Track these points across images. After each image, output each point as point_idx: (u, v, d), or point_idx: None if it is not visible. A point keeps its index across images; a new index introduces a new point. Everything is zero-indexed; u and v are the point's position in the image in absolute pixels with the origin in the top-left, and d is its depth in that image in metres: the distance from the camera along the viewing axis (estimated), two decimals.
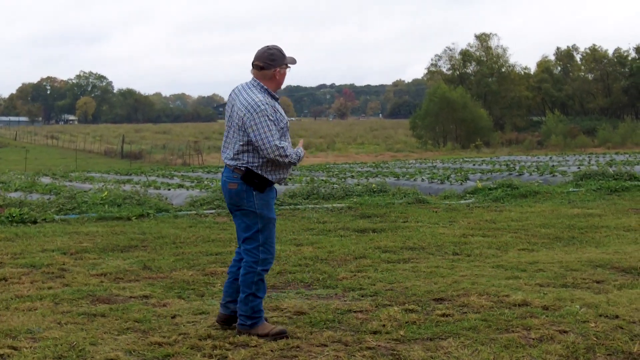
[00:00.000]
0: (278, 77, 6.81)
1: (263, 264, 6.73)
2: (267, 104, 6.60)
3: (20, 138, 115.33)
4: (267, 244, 6.76)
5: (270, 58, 6.76)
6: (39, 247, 11.72)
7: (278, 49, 6.84)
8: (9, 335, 6.66)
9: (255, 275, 6.70)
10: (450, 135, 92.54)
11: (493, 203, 17.83)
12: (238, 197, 6.71)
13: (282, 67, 6.79)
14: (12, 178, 29.34)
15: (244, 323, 6.72)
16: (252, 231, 6.72)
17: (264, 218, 6.71)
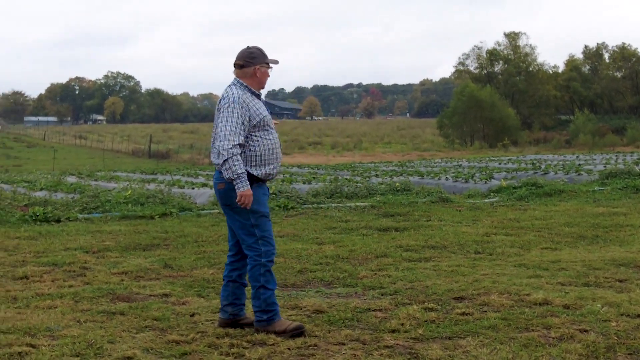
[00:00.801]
0: (259, 75, 6.88)
1: (266, 255, 6.74)
2: (239, 98, 6.70)
3: (49, 138, 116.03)
4: (266, 237, 6.77)
5: (250, 56, 6.88)
6: (61, 245, 11.77)
7: (258, 49, 6.96)
8: (28, 333, 6.68)
9: (261, 267, 6.72)
10: (478, 135, 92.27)
11: (517, 202, 17.73)
12: (227, 196, 6.74)
13: (262, 66, 6.87)
14: (38, 177, 29.59)
15: (260, 319, 6.72)
16: (247, 227, 6.76)
17: (255, 213, 6.72)
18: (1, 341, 6.34)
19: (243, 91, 6.79)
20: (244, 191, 6.55)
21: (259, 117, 6.75)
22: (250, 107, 6.73)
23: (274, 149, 6.85)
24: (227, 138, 6.57)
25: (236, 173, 6.53)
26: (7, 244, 11.92)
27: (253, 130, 6.75)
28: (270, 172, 6.84)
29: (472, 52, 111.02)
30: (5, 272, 9.66)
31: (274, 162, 6.86)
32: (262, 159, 6.77)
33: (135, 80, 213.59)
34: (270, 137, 6.83)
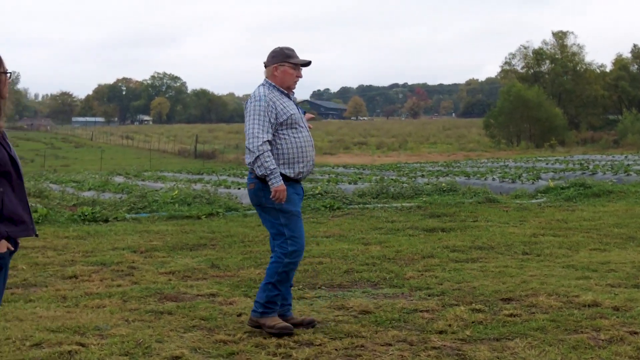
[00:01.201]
0: (277, 74, 6.92)
1: (291, 256, 6.77)
2: (265, 96, 6.78)
3: (96, 138, 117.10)
4: (295, 237, 6.79)
5: (270, 55, 6.98)
6: (109, 245, 11.88)
7: (282, 48, 6.99)
8: (77, 332, 6.75)
9: (280, 266, 6.76)
10: (524, 135, 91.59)
11: (565, 202, 17.58)
12: (256, 196, 6.81)
13: (281, 65, 6.89)
14: (87, 177, 29.87)
15: (255, 310, 6.78)
16: (277, 227, 6.80)
17: (285, 212, 6.75)
18: (51, 340, 6.41)
19: (270, 90, 6.86)
20: (278, 186, 6.60)
21: (286, 115, 6.79)
22: (277, 105, 6.78)
23: (303, 147, 6.86)
24: (255, 135, 6.65)
25: (269, 169, 6.59)
26: (56, 244, 12.04)
27: (281, 128, 6.78)
28: (301, 170, 6.86)
29: (518, 52, 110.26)
30: (55, 271, 9.77)
31: (304, 161, 6.87)
32: (291, 157, 6.79)
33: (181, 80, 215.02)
34: (299, 135, 6.85)
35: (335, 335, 6.57)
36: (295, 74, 6.95)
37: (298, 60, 6.96)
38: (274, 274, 6.77)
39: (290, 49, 6.99)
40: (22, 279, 9.22)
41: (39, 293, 8.48)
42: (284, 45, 7.05)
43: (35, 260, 10.47)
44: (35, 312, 7.52)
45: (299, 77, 7.00)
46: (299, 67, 6.98)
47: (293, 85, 6.98)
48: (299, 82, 7.03)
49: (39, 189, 22.08)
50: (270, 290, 6.77)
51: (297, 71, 6.97)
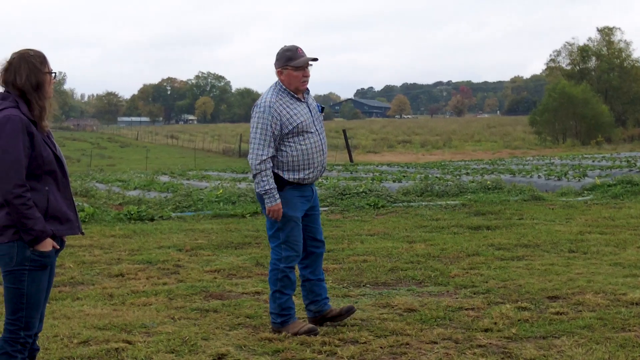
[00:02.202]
0: (283, 78, 6.78)
1: (286, 261, 6.75)
2: (271, 105, 6.65)
3: (141, 138, 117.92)
4: (290, 242, 6.75)
5: (276, 58, 6.82)
6: (155, 243, 11.96)
7: (283, 50, 6.80)
8: (124, 329, 6.81)
9: (278, 272, 6.75)
10: (570, 132, 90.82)
11: (612, 200, 17.39)
12: (260, 198, 6.80)
13: (283, 68, 6.74)
14: (132, 177, 30.07)
15: (274, 321, 6.77)
16: (273, 230, 6.78)
17: (282, 216, 6.68)
18: (98, 337, 6.48)
19: (279, 95, 6.74)
20: (272, 206, 6.59)
21: (292, 125, 6.67)
22: (283, 116, 6.66)
23: (310, 154, 6.76)
24: (255, 152, 6.61)
25: (264, 189, 6.58)
26: (103, 242, 12.16)
27: (286, 137, 6.69)
28: (305, 177, 6.79)
29: (563, 49, 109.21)
30: (102, 269, 9.87)
31: (310, 168, 6.79)
32: (296, 164, 6.72)
33: (226, 80, 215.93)
34: (306, 142, 6.75)
35: (380, 333, 6.57)
36: (301, 75, 6.73)
37: (299, 62, 6.71)
38: (275, 281, 6.77)
39: (292, 50, 6.76)
40: (70, 277, 9.33)
41: (86, 291, 8.58)
42: (289, 45, 6.83)
43: (82, 259, 10.59)
44: (83, 310, 7.60)
45: (306, 76, 6.78)
46: (304, 67, 6.76)
47: (301, 86, 6.78)
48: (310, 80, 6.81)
49: (85, 188, 22.34)
50: (279, 297, 6.76)
51: (303, 71, 6.74)
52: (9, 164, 4.44)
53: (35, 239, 4.48)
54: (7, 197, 4.42)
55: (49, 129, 4.74)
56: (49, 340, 6.40)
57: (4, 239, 4.54)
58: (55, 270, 4.82)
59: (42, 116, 4.65)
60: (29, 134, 4.52)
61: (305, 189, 6.87)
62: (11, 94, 4.62)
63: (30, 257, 4.55)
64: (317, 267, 7.06)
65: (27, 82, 4.60)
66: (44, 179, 4.57)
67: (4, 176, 4.44)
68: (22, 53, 4.68)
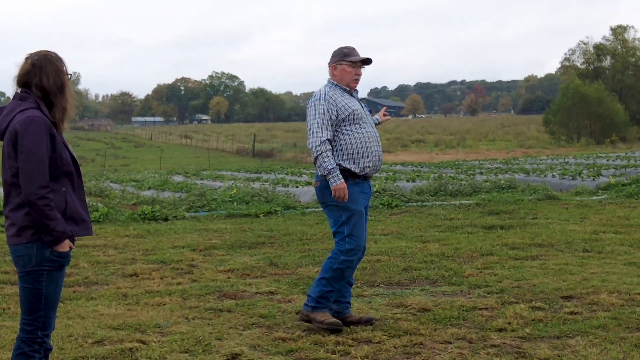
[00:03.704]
0: (337, 73, 7.02)
1: (348, 254, 6.80)
2: (325, 94, 6.89)
3: (155, 138, 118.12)
4: (354, 235, 6.82)
5: (331, 55, 7.08)
6: (169, 243, 11.99)
7: (341, 47, 7.09)
8: (138, 329, 6.83)
9: (336, 263, 6.81)
10: (585, 131, 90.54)
11: (627, 199, 17.35)
12: (322, 193, 6.88)
13: (339, 63, 6.98)
14: (146, 177, 30.16)
15: (307, 303, 6.83)
16: (338, 224, 6.86)
17: (347, 210, 6.79)
18: (112, 337, 6.50)
19: (332, 89, 6.95)
20: (337, 185, 6.66)
21: (348, 111, 6.85)
22: (338, 102, 6.85)
23: (367, 142, 6.89)
24: (314, 135, 6.74)
25: (327, 169, 6.66)
26: (117, 242, 12.18)
27: (344, 124, 6.85)
28: (367, 165, 6.88)
29: (578, 48, 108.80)
30: (116, 269, 9.89)
31: (369, 156, 6.89)
32: (355, 152, 6.83)
33: (239, 80, 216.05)
34: (362, 130, 6.90)
35: (394, 333, 6.57)
36: (354, 72, 6.99)
37: (355, 58, 6.98)
38: (328, 269, 6.83)
39: (350, 48, 7.04)
40: (84, 277, 9.35)
41: (100, 291, 8.60)
42: (345, 44, 7.09)
43: (96, 259, 10.61)
44: (97, 310, 7.62)
45: (358, 75, 7.04)
46: (358, 65, 7.02)
47: (352, 82, 7.02)
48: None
49: (99, 188, 22.39)
50: (324, 285, 6.82)
51: (356, 69, 7.00)
52: (35, 164, 4.44)
53: (55, 240, 4.49)
54: (31, 197, 4.43)
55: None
56: (63, 340, 6.41)
57: (22, 240, 4.55)
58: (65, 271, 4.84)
59: (63, 118, 4.68)
60: (50, 136, 4.53)
61: (364, 186, 6.98)
62: (30, 95, 4.62)
63: (50, 258, 4.56)
64: (353, 270, 7.10)
65: (54, 83, 4.62)
66: (62, 180, 4.59)
67: (29, 177, 4.44)
68: (44, 54, 4.68)
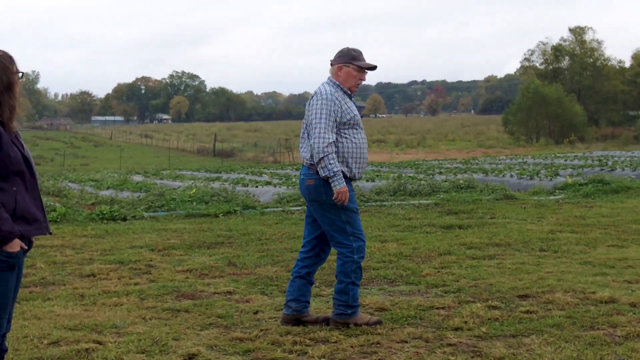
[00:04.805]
0: (341, 74, 6.94)
1: (358, 251, 6.82)
2: (332, 94, 6.78)
3: (115, 137, 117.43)
4: (357, 232, 6.85)
5: (337, 54, 7.00)
6: (127, 243, 11.93)
7: (349, 49, 7.00)
8: (95, 330, 6.79)
9: (352, 264, 6.80)
10: (544, 131, 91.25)
11: (583, 199, 17.52)
12: (316, 192, 6.79)
13: (345, 65, 6.91)
14: (106, 176, 29.97)
15: (343, 312, 6.78)
16: (338, 224, 6.81)
17: (346, 209, 6.78)
18: (69, 338, 6.45)
19: (335, 89, 6.89)
20: (341, 188, 6.65)
21: (350, 115, 6.84)
22: (342, 105, 6.82)
23: (361, 147, 6.91)
24: (321, 136, 6.66)
25: (332, 171, 6.63)
26: (75, 242, 12.10)
27: (343, 128, 6.82)
28: (358, 170, 6.92)
29: (537, 48, 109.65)
30: (73, 269, 9.82)
31: (361, 161, 6.93)
32: (350, 156, 6.83)
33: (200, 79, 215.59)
34: (358, 136, 6.90)
35: (351, 333, 6.58)
36: (358, 77, 6.97)
37: (363, 63, 6.96)
38: (349, 273, 6.80)
39: (358, 51, 6.99)
40: (41, 278, 9.28)
41: (57, 291, 8.54)
42: (351, 46, 7.04)
43: (53, 259, 10.53)
44: (53, 311, 7.56)
45: (362, 80, 7.02)
46: (364, 71, 6.99)
47: (354, 87, 6.99)
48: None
49: (58, 188, 22.22)
50: (352, 289, 6.82)
51: (361, 74, 6.98)
52: None
53: (3, 240, 4.44)
54: None
55: (17, 129, 4.69)
56: (18, 341, 6.35)
57: None
58: (23, 271, 4.78)
59: (11, 117, 4.60)
60: None
61: (350, 186, 6.97)
62: None
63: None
64: (315, 270, 7.14)
65: (0, 82, 4.53)
66: (12, 179, 4.52)
67: None
68: None
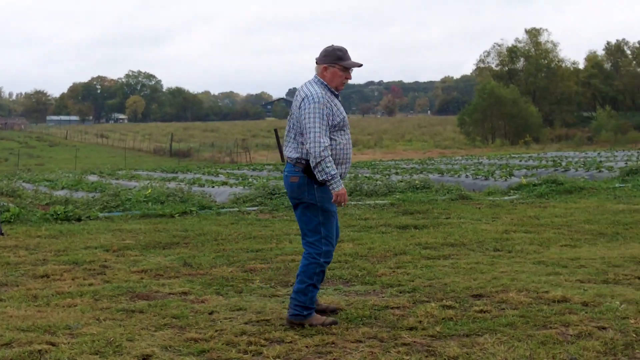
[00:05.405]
0: (327, 74, 6.93)
1: (326, 255, 6.86)
2: (322, 97, 6.76)
3: (70, 137, 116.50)
4: (330, 237, 6.89)
5: (322, 54, 6.98)
6: (82, 244, 11.84)
7: (334, 48, 6.98)
8: (48, 331, 6.73)
9: (317, 266, 6.83)
10: (499, 132, 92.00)
11: (537, 199, 17.67)
12: (299, 190, 6.83)
13: (331, 65, 6.90)
14: (60, 176, 29.71)
15: (299, 313, 6.81)
16: (314, 224, 6.85)
17: (325, 211, 6.83)
18: (21, 339, 6.39)
19: (324, 90, 6.87)
20: (339, 190, 6.68)
21: (340, 117, 6.86)
22: (332, 107, 6.82)
23: (348, 149, 6.95)
24: (317, 140, 6.64)
25: (330, 174, 6.64)
26: (28, 243, 12.00)
27: (333, 130, 6.82)
28: (344, 171, 6.97)
29: (492, 50, 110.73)
30: (26, 270, 9.73)
31: (347, 163, 6.98)
32: (338, 158, 6.86)
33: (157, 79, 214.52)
34: (345, 137, 6.93)
35: (306, 333, 6.58)
36: (344, 76, 6.96)
37: (349, 63, 6.95)
38: (312, 275, 6.83)
39: (343, 50, 6.97)
40: None
41: (10, 292, 8.45)
42: (338, 45, 7.03)
43: (6, 260, 10.43)
44: (6, 312, 7.48)
45: (347, 79, 7.01)
46: (349, 70, 6.98)
47: (340, 86, 6.99)
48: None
49: (11, 188, 21.95)
50: (312, 291, 6.84)
51: (347, 73, 6.97)
52: None
53: None
54: None
55: None
56: None
57: None
58: None
59: None
60: None
61: None
62: None
63: None
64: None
65: None
66: None
67: None
68: None
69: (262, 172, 31.76)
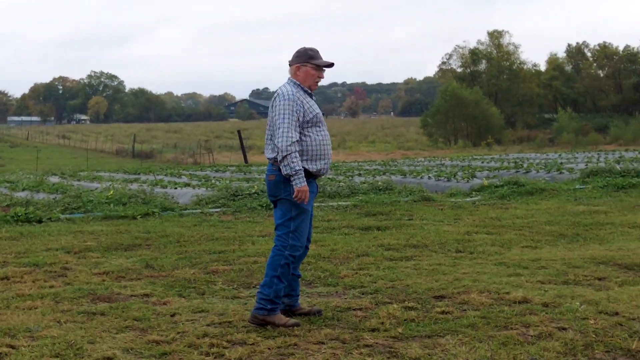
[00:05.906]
0: (299, 74, 7.13)
1: (291, 249, 6.94)
2: (294, 94, 6.94)
3: (32, 138, 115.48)
4: (298, 232, 6.97)
5: (294, 55, 7.19)
6: (42, 246, 11.75)
7: (305, 49, 7.21)
8: (8, 334, 6.68)
9: (282, 259, 6.92)
10: (462, 133, 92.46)
11: (499, 200, 17.78)
12: (276, 187, 6.97)
13: (303, 65, 7.11)
14: (21, 178, 29.44)
15: (263, 307, 6.85)
16: (285, 218, 6.96)
17: (298, 207, 6.92)
18: None
19: (296, 89, 7.04)
20: (301, 187, 6.79)
21: (312, 114, 7.01)
22: (304, 104, 6.99)
23: (325, 145, 7.09)
24: (285, 135, 6.81)
25: (294, 169, 6.77)
26: None
27: (306, 126, 6.98)
28: (322, 167, 7.09)
29: (455, 52, 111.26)
30: None
31: (325, 158, 7.09)
32: (315, 154, 6.99)
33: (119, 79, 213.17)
34: (321, 133, 7.08)
35: (268, 335, 6.59)
36: (316, 75, 7.14)
37: (320, 61, 7.15)
38: (276, 267, 6.92)
39: (314, 50, 7.18)
40: None
41: None
42: (308, 45, 7.22)
43: None
44: None
45: (320, 77, 7.20)
46: (322, 69, 7.17)
47: (314, 85, 7.16)
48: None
49: None
50: (277, 284, 6.90)
51: (319, 72, 7.16)
52: None
53: None
54: None
55: None
56: None
57: None
58: None
59: None
60: None
61: (313, 185, 7.17)
62: None
63: None
64: (299, 264, 7.28)
65: None
66: None
67: None
68: None
69: (225, 173, 31.68)
